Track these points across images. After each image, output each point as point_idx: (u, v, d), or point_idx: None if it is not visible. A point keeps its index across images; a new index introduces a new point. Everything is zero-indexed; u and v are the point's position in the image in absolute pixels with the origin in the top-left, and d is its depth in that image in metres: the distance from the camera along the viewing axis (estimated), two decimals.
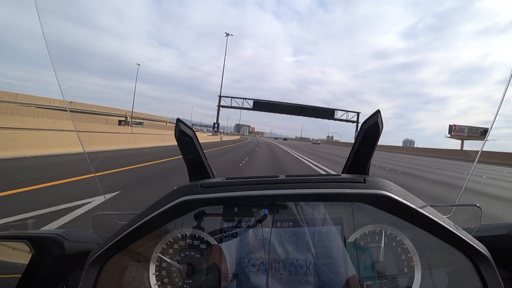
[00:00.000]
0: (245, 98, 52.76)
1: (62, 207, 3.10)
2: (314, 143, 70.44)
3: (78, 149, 8.05)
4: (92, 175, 5.10)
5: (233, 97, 52.65)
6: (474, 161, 0.81)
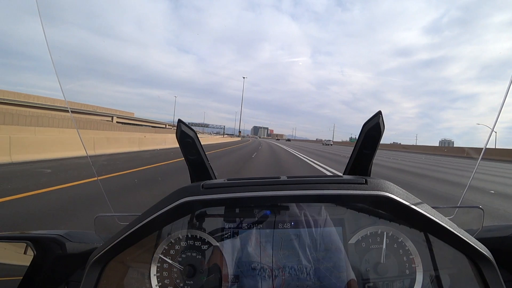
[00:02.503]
0: None
1: None
2: (326, 144, 58.01)
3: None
4: (95, 178, 5.10)
5: None
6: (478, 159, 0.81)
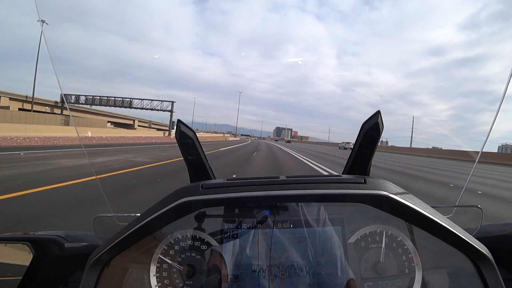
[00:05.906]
0: None
1: None
2: (344, 148, 47.33)
3: None
4: (94, 177, 5.06)
5: None
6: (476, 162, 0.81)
